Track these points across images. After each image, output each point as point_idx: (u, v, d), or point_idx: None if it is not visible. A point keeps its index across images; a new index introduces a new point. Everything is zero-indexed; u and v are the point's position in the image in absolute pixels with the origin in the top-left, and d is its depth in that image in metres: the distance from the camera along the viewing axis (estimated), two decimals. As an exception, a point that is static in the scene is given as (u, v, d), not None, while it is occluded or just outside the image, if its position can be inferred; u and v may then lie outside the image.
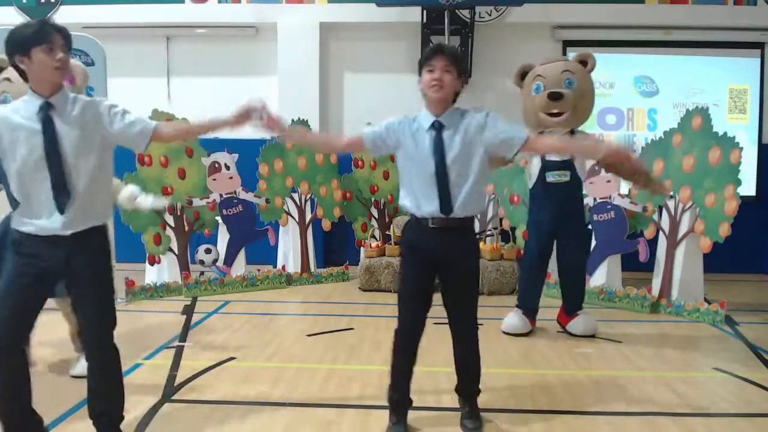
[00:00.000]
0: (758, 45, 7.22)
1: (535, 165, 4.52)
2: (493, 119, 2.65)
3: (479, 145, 2.63)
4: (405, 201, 2.74)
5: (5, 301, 2.35)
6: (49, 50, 2.30)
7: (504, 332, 4.47)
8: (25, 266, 2.36)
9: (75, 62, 3.57)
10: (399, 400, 2.83)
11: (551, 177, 4.39)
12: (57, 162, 2.32)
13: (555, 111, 4.28)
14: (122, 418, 2.61)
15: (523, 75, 4.60)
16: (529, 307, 4.55)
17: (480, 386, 2.92)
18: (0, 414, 2.39)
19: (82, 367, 3.31)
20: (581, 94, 4.35)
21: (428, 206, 2.65)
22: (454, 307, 2.81)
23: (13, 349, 2.36)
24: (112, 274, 2.56)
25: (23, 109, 2.36)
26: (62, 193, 2.34)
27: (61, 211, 2.34)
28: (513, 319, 4.50)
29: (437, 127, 2.63)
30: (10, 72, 3.51)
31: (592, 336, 4.41)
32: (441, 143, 2.61)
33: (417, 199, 2.68)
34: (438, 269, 2.74)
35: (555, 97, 4.24)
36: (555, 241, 4.51)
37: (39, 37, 2.29)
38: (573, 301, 4.54)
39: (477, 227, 6.33)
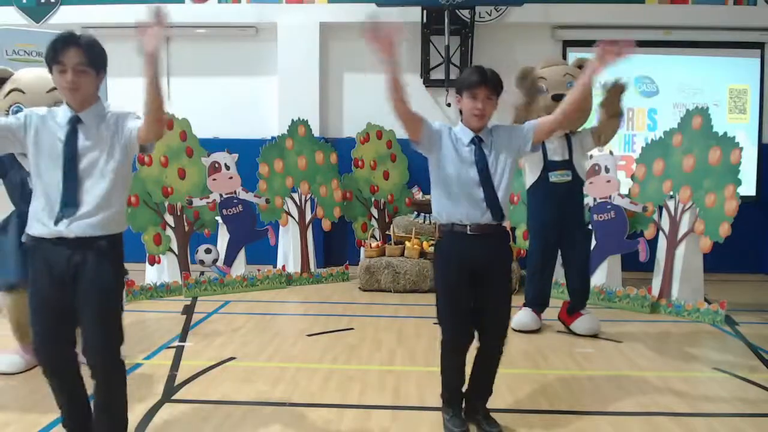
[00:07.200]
0: (758, 45, 7.23)
1: (534, 165, 4.54)
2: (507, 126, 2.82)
3: (509, 153, 2.74)
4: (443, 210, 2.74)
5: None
6: (61, 71, 2.23)
7: (515, 330, 4.47)
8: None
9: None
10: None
11: (554, 177, 4.45)
12: (72, 177, 2.25)
13: None
14: None
15: (523, 77, 4.61)
16: (538, 304, 4.61)
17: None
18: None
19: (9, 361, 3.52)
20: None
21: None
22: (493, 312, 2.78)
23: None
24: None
25: (58, 116, 2.31)
26: (71, 203, 2.25)
27: (59, 219, 2.25)
28: (524, 317, 4.56)
29: (477, 142, 2.71)
30: (20, 82, 3.43)
31: (594, 336, 4.42)
32: (483, 155, 2.69)
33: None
34: (476, 276, 2.71)
35: (559, 99, 4.23)
36: (558, 241, 4.54)
37: (51, 56, 2.21)
38: (579, 300, 4.55)
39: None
